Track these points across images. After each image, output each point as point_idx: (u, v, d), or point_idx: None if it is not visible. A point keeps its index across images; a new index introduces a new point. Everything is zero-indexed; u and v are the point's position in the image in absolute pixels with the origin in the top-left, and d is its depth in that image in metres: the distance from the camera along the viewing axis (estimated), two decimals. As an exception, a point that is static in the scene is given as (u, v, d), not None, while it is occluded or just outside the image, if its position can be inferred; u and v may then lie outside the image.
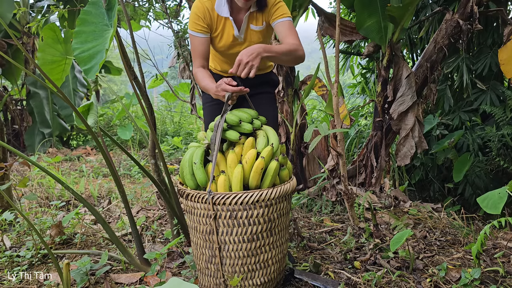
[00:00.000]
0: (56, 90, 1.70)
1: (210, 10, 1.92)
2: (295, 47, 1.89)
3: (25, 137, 6.49)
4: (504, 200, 1.95)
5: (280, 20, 1.93)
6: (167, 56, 4.10)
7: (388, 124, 3.25)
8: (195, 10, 1.92)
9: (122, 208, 3.18)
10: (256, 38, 1.99)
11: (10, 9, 5.66)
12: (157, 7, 3.88)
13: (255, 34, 1.98)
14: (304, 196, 3.23)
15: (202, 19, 1.92)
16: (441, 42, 3.04)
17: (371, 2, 3.06)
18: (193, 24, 1.94)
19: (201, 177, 1.64)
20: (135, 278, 1.95)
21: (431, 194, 4.35)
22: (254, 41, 1.99)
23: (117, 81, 18.37)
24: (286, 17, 1.93)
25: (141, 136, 2.38)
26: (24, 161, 2.04)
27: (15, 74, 6.63)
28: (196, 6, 1.93)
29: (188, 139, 7.01)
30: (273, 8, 1.93)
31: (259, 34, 1.99)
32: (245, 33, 1.98)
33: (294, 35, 1.95)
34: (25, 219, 1.77)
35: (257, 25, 1.96)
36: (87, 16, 1.82)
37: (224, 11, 1.91)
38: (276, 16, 1.93)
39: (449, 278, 1.89)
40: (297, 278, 1.89)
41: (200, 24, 1.93)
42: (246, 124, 1.72)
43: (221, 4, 1.90)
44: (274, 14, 1.94)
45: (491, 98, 3.78)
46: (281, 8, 1.94)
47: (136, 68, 2.15)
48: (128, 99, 7.10)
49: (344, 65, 5.10)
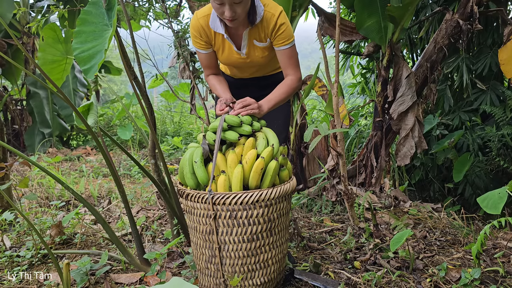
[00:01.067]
0: (56, 90, 1.70)
1: (205, 27, 1.88)
2: (293, 87, 1.93)
3: (25, 137, 6.49)
4: (504, 200, 1.95)
5: (281, 47, 1.88)
6: (167, 56, 4.10)
7: (388, 124, 3.25)
8: (191, 28, 1.91)
9: (122, 208, 3.18)
10: (261, 53, 1.95)
11: (10, 9, 5.66)
12: (157, 7, 3.88)
13: (259, 50, 1.94)
14: (304, 196, 3.23)
15: (199, 37, 1.91)
16: (441, 42, 3.04)
17: (371, 2, 3.06)
18: (193, 42, 1.95)
19: (202, 175, 1.64)
20: (135, 278, 1.95)
21: (431, 194, 4.35)
22: (258, 56, 1.95)
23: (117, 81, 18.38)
24: (288, 44, 1.87)
25: (141, 136, 2.38)
26: (24, 161, 2.04)
27: (15, 74, 6.63)
28: (192, 24, 1.90)
29: (188, 139, 7.01)
30: (276, 32, 1.86)
31: (263, 50, 1.94)
32: (248, 49, 1.93)
33: (293, 64, 1.92)
34: (25, 219, 1.77)
35: (260, 41, 1.91)
36: (87, 16, 1.82)
37: (219, 28, 1.86)
38: (278, 42, 1.88)
39: (449, 278, 1.89)
40: (297, 278, 1.89)
41: (198, 42, 1.92)
42: (246, 126, 1.72)
43: (215, 20, 1.85)
44: (276, 39, 1.88)
45: (491, 98, 3.78)
46: (284, 33, 1.85)
47: (136, 68, 2.15)
48: (128, 99, 7.10)
49: (344, 65, 5.10)
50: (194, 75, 3.52)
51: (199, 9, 1.94)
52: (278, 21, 1.83)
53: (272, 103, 1.88)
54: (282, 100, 1.92)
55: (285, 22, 1.85)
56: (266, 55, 1.96)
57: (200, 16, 1.87)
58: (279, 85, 1.95)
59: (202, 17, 1.87)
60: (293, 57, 1.92)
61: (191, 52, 3.53)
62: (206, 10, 1.88)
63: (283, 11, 1.85)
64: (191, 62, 3.53)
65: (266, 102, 1.85)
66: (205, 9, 1.89)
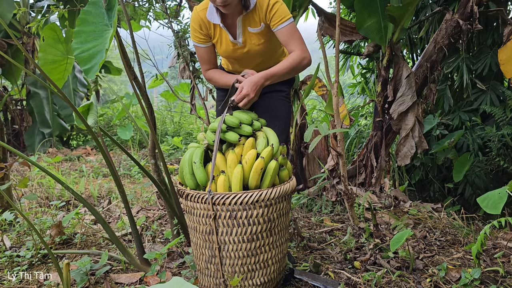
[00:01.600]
0: (56, 90, 1.70)
1: (204, 20, 1.90)
2: (298, 59, 1.81)
3: (25, 137, 6.49)
4: (504, 200, 1.95)
5: (279, 26, 1.82)
6: (167, 56, 4.10)
7: (388, 124, 3.25)
8: (192, 21, 1.92)
9: (122, 208, 3.18)
10: (257, 40, 1.92)
11: (10, 9, 5.66)
12: (157, 7, 3.88)
13: (255, 37, 1.92)
14: (304, 196, 3.23)
15: (199, 30, 1.92)
16: (441, 42, 3.04)
17: (371, 2, 3.06)
18: (193, 36, 1.95)
19: (201, 176, 1.64)
20: (135, 278, 1.95)
21: (431, 194, 4.35)
22: (254, 44, 1.93)
23: (117, 81, 18.37)
24: (285, 21, 1.81)
25: (141, 136, 2.39)
26: (24, 161, 2.04)
27: (15, 74, 6.63)
28: (192, 17, 1.92)
29: (188, 139, 7.01)
30: (270, 12, 1.81)
31: (259, 36, 1.92)
32: (243, 36, 1.92)
33: (296, 40, 1.83)
34: (25, 219, 1.77)
35: (254, 27, 1.88)
36: (87, 16, 1.82)
37: (215, 18, 1.87)
38: (274, 22, 1.82)
39: (449, 278, 1.89)
40: (297, 278, 1.89)
41: (198, 35, 1.93)
42: (246, 126, 1.72)
43: (212, 12, 1.86)
44: (272, 20, 1.82)
45: (491, 98, 3.78)
46: (279, 11, 1.80)
47: (136, 68, 2.15)
48: (128, 99, 7.11)
49: (344, 65, 5.10)
50: (194, 75, 3.52)
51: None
52: (270, 1, 1.81)
53: (271, 74, 1.77)
54: (285, 73, 1.81)
55: (278, 1, 1.81)
56: (262, 42, 1.92)
57: (199, 9, 1.91)
58: (283, 60, 1.87)
59: (201, 10, 1.91)
60: (295, 33, 1.84)
61: (191, 52, 3.54)
62: (204, 4, 1.91)
63: None
64: (191, 62, 3.53)
65: (263, 75, 1.76)
66: (203, 3, 1.92)
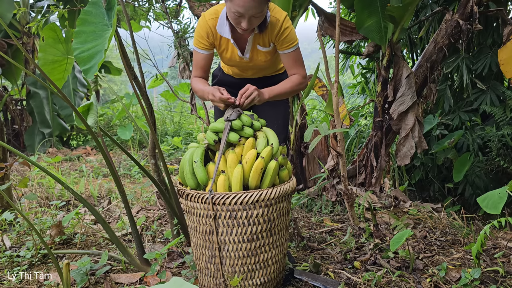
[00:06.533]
0: (56, 90, 1.70)
1: (213, 29, 1.90)
2: (298, 84, 1.95)
3: (25, 137, 6.49)
4: (504, 200, 1.95)
5: (286, 51, 1.91)
6: (167, 56, 4.10)
7: (388, 124, 3.25)
8: (199, 28, 1.91)
9: (122, 208, 3.18)
10: (263, 57, 1.98)
11: (10, 9, 5.66)
12: (157, 7, 3.88)
13: (262, 54, 1.97)
14: (304, 196, 3.23)
15: (205, 38, 1.91)
16: (441, 42, 3.04)
17: (371, 2, 3.06)
18: (196, 41, 1.94)
19: (201, 176, 1.64)
20: (135, 278, 1.95)
21: (431, 194, 4.35)
22: (261, 60, 1.98)
23: (117, 81, 18.38)
24: (292, 47, 1.91)
25: (141, 136, 2.39)
26: (24, 161, 2.04)
27: (15, 74, 6.64)
28: (200, 24, 1.91)
29: (188, 139, 7.00)
30: (280, 36, 1.88)
31: (266, 54, 1.97)
32: (251, 53, 1.96)
33: (299, 66, 1.96)
34: (25, 219, 1.77)
35: (263, 46, 1.93)
36: (87, 16, 1.82)
37: (226, 33, 1.87)
38: (283, 46, 1.90)
39: (449, 278, 1.89)
40: (297, 278, 1.89)
41: (203, 42, 1.93)
42: (247, 128, 1.73)
43: (223, 25, 1.87)
44: (281, 43, 1.90)
45: (491, 98, 3.78)
46: (289, 36, 1.88)
47: (136, 68, 2.15)
48: (128, 99, 7.11)
49: (344, 65, 5.10)
50: (194, 75, 3.52)
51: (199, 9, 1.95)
52: (282, 25, 1.86)
53: (274, 93, 1.90)
54: (285, 93, 1.94)
55: (289, 26, 1.88)
56: (268, 59, 2.00)
57: (208, 18, 1.89)
58: (285, 80, 1.99)
59: (210, 19, 1.89)
60: (298, 59, 1.97)
61: (191, 52, 3.54)
62: (214, 13, 1.90)
63: (287, 16, 1.89)
64: (191, 62, 3.53)
65: (268, 91, 1.88)
66: (213, 12, 1.91)
